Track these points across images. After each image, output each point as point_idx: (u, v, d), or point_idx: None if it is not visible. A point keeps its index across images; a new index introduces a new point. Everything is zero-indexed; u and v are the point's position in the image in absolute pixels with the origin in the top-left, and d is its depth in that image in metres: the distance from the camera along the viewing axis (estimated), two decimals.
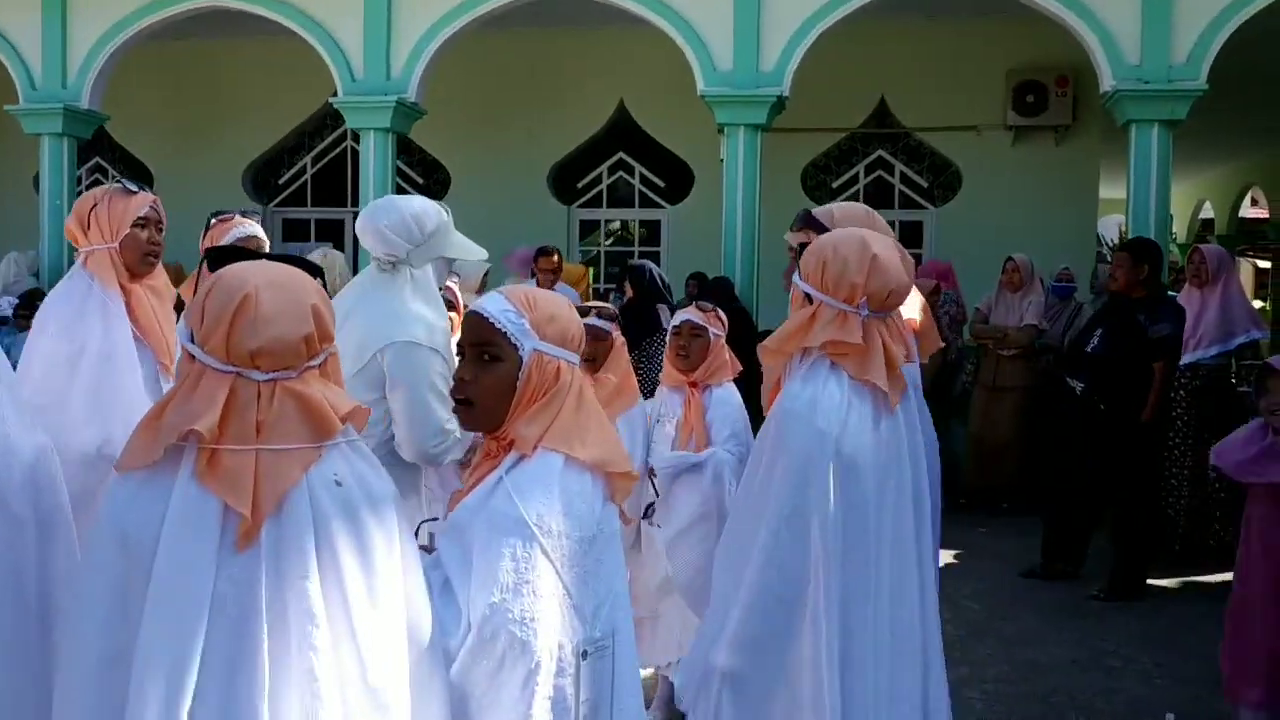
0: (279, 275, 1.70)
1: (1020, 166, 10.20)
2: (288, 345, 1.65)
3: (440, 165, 11.47)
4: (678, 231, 11.03)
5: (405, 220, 3.08)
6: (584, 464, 1.93)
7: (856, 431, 2.23)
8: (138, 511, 1.63)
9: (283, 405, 1.64)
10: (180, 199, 10.75)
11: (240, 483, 1.59)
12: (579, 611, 1.88)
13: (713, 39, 8.31)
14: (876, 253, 2.28)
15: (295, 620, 1.59)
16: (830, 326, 2.28)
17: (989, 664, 5.04)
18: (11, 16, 9.40)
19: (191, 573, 1.58)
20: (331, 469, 1.67)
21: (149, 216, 3.45)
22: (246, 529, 1.59)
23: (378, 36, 8.79)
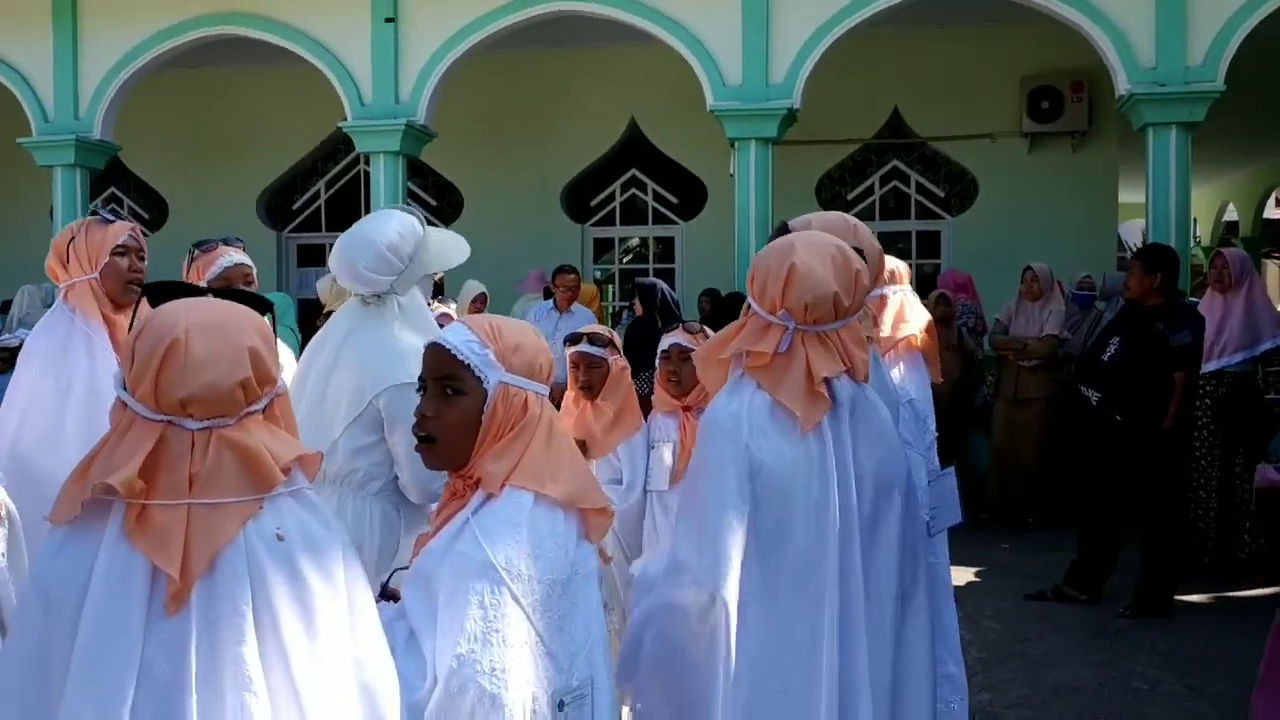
0: (213, 315, 1.59)
1: (1037, 174, 10.06)
2: (221, 392, 1.54)
3: (453, 187, 11.45)
4: (692, 248, 10.95)
5: (382, 254, 2.93)
6: (555, 501, 1.83)
7: (778, 447, 2.08)
8: (61, 567, 1.53)
9: (219, 456, 1.53)
10: (195, 226, 10.77)
11: (169, 542, 1.48)
12: (554, 659, 1.78)
13: (721, 53, 8.24)
14: (795, 262, 2.14)
15: (230, 689, 1.49)
16: (749, 337, 2.17)
17: (1011, 687, 4.89)
18: (23, 49, 9.45)
19: (117, 636, 1.48)
20: (273, 523, 1.56)
21: (129, 244, 3.37)
22: (175, 591, 1.49)
23: (385, 61, 8.77)
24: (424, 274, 3.04)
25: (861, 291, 2.18)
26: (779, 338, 2.12)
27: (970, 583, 6.51)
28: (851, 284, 2.15)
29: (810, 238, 2.24)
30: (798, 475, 2.08)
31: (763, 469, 2.07)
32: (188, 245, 3.86)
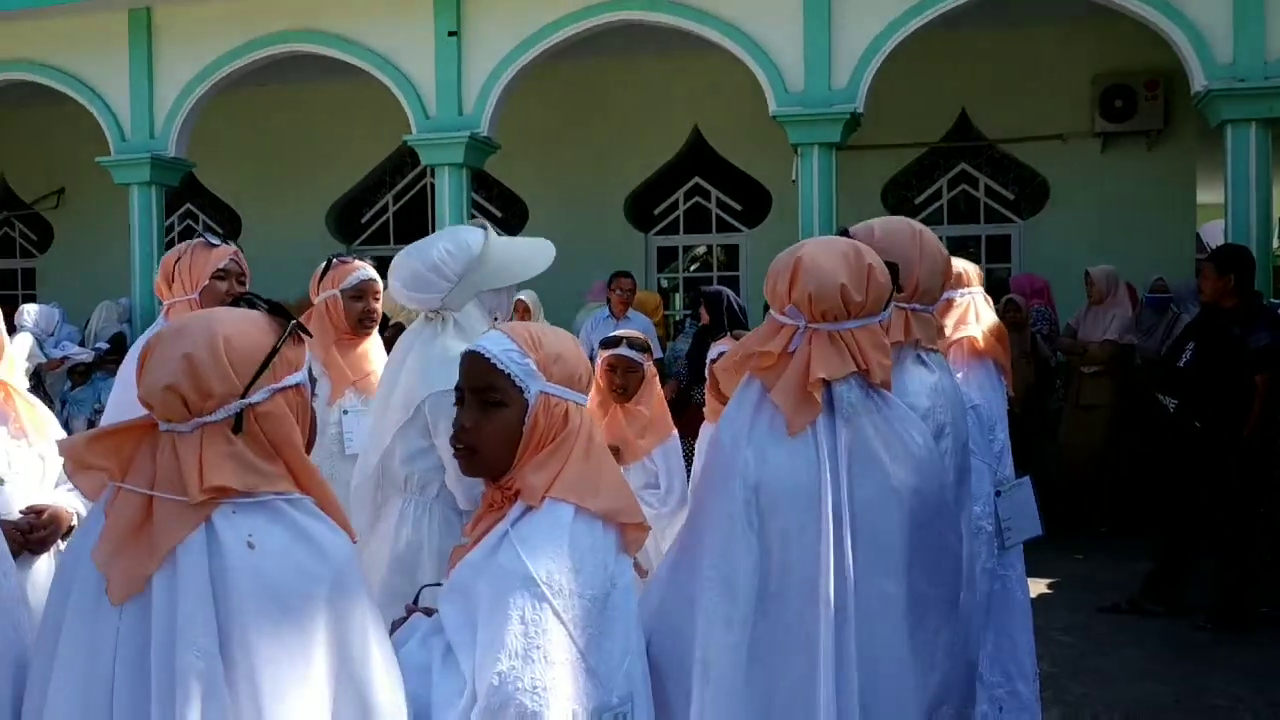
0: (189, 324, 1.64)
1: (1111, 175, 9.81)
2: (154, 396, 1.58)
3: (517, 198, 11.51)
4: (756, 255, 10.87)
5: (421, 275, 2.95)
6: (595, 514, 1.80)
7: (776, 457, 2.00)
8: (68, 544, 1.66)
9: (168, 459, 1.58)
10: (267, 241, 11.06)
11: (113, 529, 1.55)
12: (594, 676, 1.74)
13: (783, 58, 8.18)
14: (801, 255, 2.08)
15: (180, 685, 1.47)
16: (759, 338, 2.11)
17: (1084, 705, 4.75)
18: (101, 71, 9.73)
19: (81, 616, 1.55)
20: (247, 527, 1.55)
21: (229, 269, 3.48)
22: (111, 582, 1.53)
23: (449, 74, 8.87)
24: (480, 290, 3.00)
25: (877, 290, 2.08)
26: (788, 338, 2.06)
27: (1042, 595, 6.34)
28: (863, 280, 2.06)
29: (823, 239, 2.18)
30: (795, 484, 2.00)
31: (762, 484, 1.99)
32: (261, 260, 3.97)
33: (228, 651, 1.50)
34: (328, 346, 3.73)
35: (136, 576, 1.52)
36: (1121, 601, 6.05)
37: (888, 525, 2.03)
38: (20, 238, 13.39)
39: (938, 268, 2.52)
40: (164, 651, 1.49)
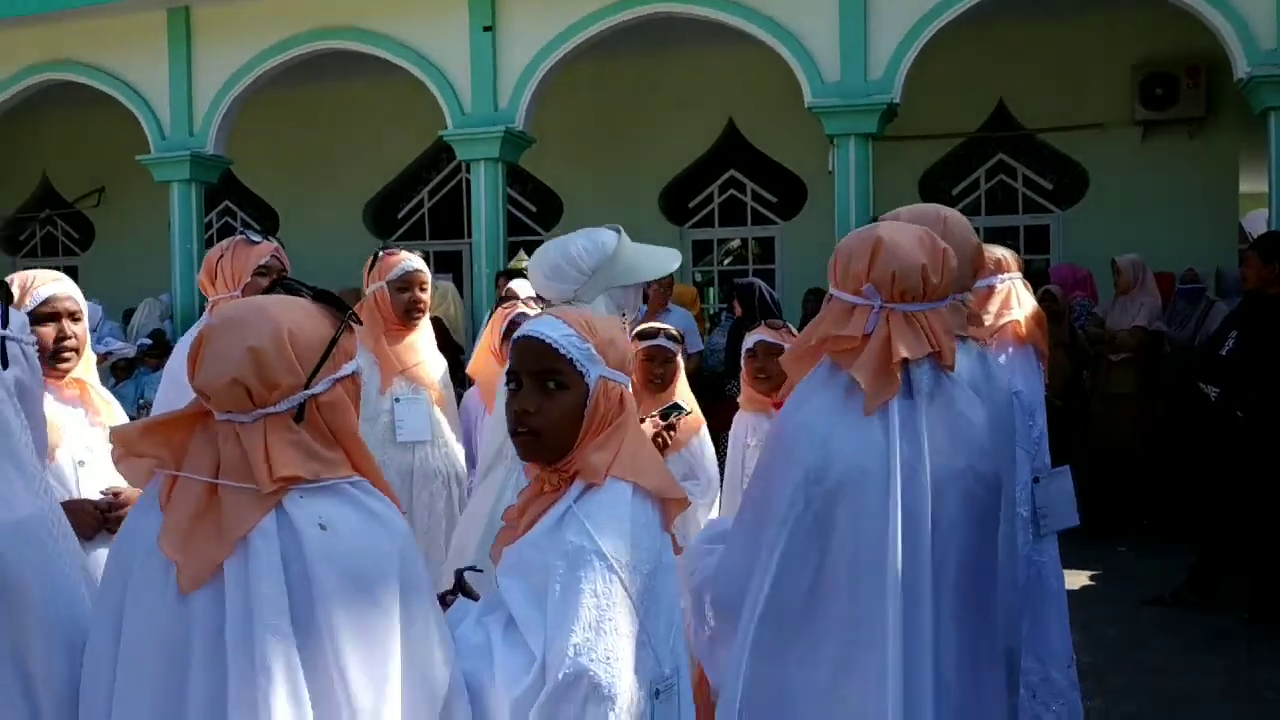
0: (246, 313, 1.63)
1: (1151, 164, 9.69)
2: (216, 389, 1.58)
3: (552, 192, 11.54)
4: (792, 247, 10.84)
5: (558, 265, 3.09)
6: (648, 492, 1.85)
7: (841, 447, 2.00)
8: (120, 532, 1.65)
9: (231, 450, 1.58)
10: (304, 238, 11.14)
11: (176, 518, 1.56)
12: (650, 648, 1.78)
13: (818, 49, 8.16)
14: (880, 235, 2.06)
15: (262, 676, 1.50)
16: (833, 322, 2.09)
17: (1125, 696, 4.70)
18: (142, 71, 9.86)
19: (147, 604, 1.56)
20: (317, 510, 1.57)
21: (270, 265, 3.52)
22: (182, 570, 1.54)
23: (484, 69, 8.91)
24: (610, 286, 3.10)
25: (950, 275, 2.08)
26: (865, 319, 2.04)
27: (1085, 586, 6.29)
28: (939, 263, 2.06)
29: (894, 224, 2.17)
30: (862, 466, 2.00)
31: (826, 468, 1.99)
32: (298, 255, 4.00)
33: (308, 631, 1.53)
34: (377, 337, 3.81)
35: (208, 563, 1.53)
36: (1165, 593, 5.98)
37: (953, 507, 2.03)
38: (63, 236, 13.59)
39: (966, 255, 2.52)
40: (241, 635, 1.50)
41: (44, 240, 13.63)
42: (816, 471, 1.99)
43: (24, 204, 13.34)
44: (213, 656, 1.52)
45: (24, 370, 1.85)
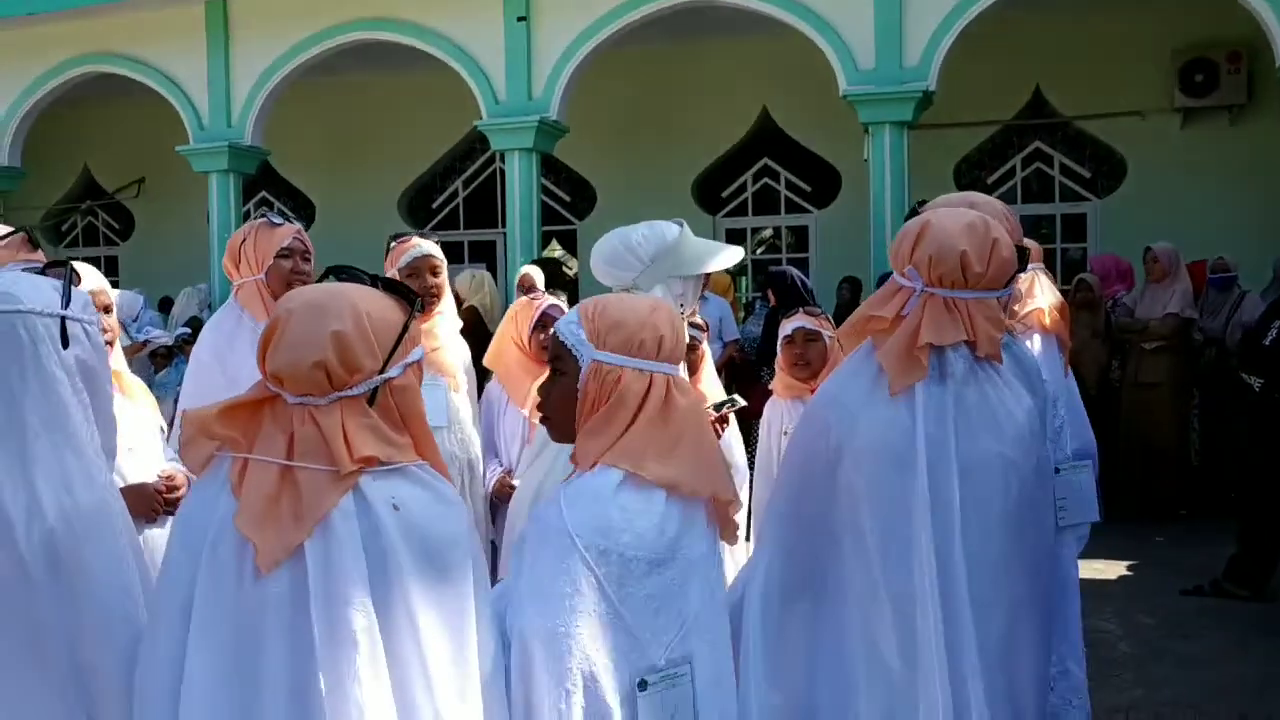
0: (323, 298, 1.65)
1: (1191, 151, 9.58)
2: (298, 371, 1.60)
3: (586, 182, 11.56)
4: (826, 236, 10.81)
5: (618, 252, 3.10)
6: (651, 482, 1.83)
7: (871, 423, 2.03)
8: (186, 513, 1.67)
9: (306, 432, 1.60)
10: (341, 227, 11.25)
11: (252, 500, 1.57)
12: (632, 635, 1.78)
13: (853, 37, 8.12)
14: (930, 219, 2.09)
15: (347, 648, 1.54)
16: (874, 302, 2.12)
17: (1165, 685, 4.67)
18: (180, 62, 9.96)
19: (221, 586, 1.57)
20: (389, 490, 1.62)
21: (293, 247, 3.53)
22: (261, 551, 1.56)
23: (518, 59, 8.93)
24: (671, 275, 3.10)
25: (999, 264, 2.07)
26: (904, 300, 2.06)
27: (1123, 577, 6.25)
28: (986, 251, 2.06)
29: (956, 209, 2.18)
30: (886, 446, 2.02)
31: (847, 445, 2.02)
32: (334, 245, 4.04)
33: (388, 606, 1.57)
34: None
35: (287, 544, 1.56)
36: (1204, 583, 5.93)
37: (986, 493, 2.04)
38: (103, 226, 13.78)
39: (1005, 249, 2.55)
40: (327, 612, 1.54)
41: (85, 230, 13.82)
42: (840, 439, 2.03)
43: (66, 195, 13.52)
44: (289, 636, 1.55)
45: (86, 350, 1.86)
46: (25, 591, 1.70)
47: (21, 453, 1.74)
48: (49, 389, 1.78)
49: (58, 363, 1.80)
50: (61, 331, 1.82)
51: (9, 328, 1.77)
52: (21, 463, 1.73)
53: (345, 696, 1.52)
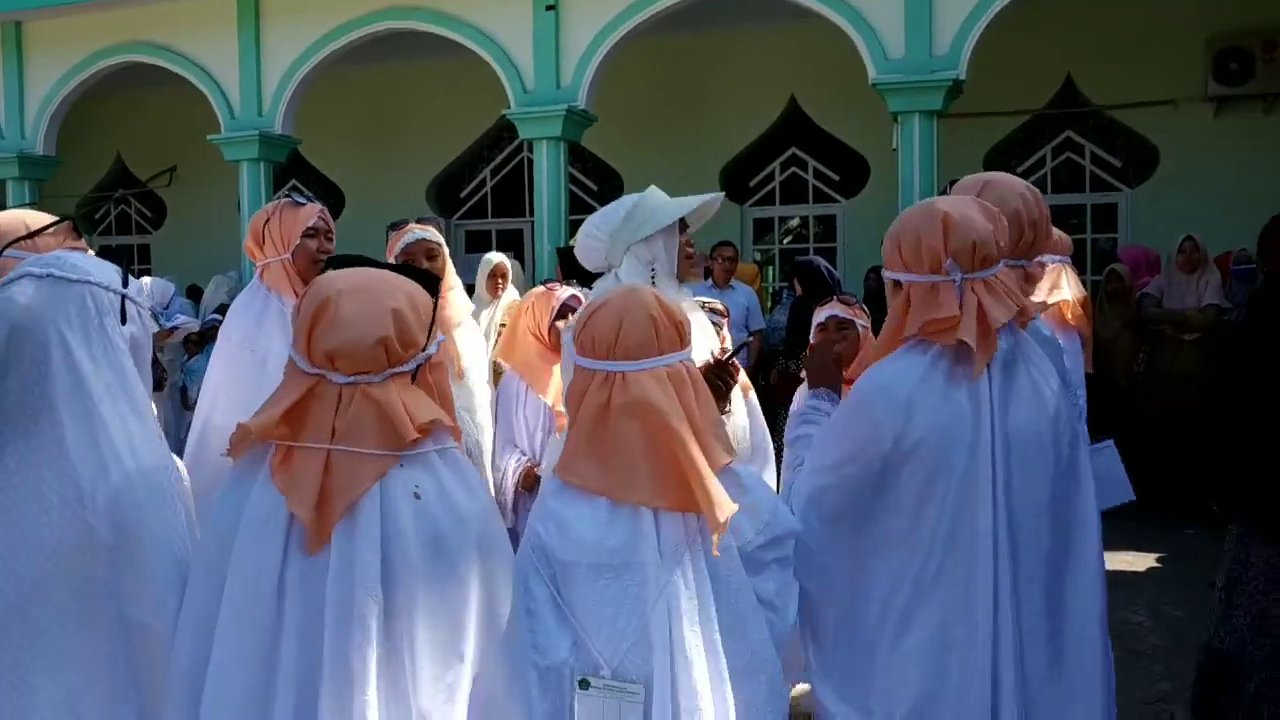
0: (367, 280, 1.69)
1: (1225, 140, 9.47)
2: (362, 348, 1.64)
3: (614, 171, 11.56)
4: (854, 226, 10.77)
5: (581, 240, 3.18)
6: (590, 491, 1.85)
7: (926, 413, 2.03)
8: (223, 506, 1.68)
9: (359, 410, 1.63)
10: (370, 215, 11.28)
11: (303, 483, 1.59)
12: (580, 635, 1.82)
13: (882, 24, 8.07)
14: (946, 211, 2.08)
15: (354, 630, 1.57)
16: (924, 307, 2.08)
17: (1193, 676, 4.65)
18: (212, 52, 10.03)
19: (260, 571, 1.60)
20: (413, 479, 1.64)
21: (318, 226, 3.54)
22: (312, 532, 1.59)
23: (547, 47, 8.94)
24: (631, 243, 3.10)
25: (1004, 234, 2.12)
26: (952, 295, 2.04)
27: (1152, 569, 6.22)
28: (1000, 225, 2.11)
29: (944, 199, 2.19)
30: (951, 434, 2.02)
31: (906, 434, 2.02)
32: (363, 233, 4.06)
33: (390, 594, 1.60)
34: None
35: (328, 527, 1.60)
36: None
37: (1036, 468, 2.08)
38: (136, 215, 13.91)
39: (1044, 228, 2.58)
40: (342, 593, 1.58)
41: (118, 219, 13.96)
42: (894, 432, 2.02)
43: (99, 183, 13.66)
44: (308, 614, 1.59)
45: (140, 330, 1.95)
46: (88, 551, 1.75)
47: (89, 415, 1.79)
48: (113, 357, 1.84)
49: (121, 334, 1.87)
50: (121, 309, 1.88)
51: (79, 296, 1.83)
52: (89, 425, 1.78)
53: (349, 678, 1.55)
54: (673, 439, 1.82)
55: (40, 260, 1.88)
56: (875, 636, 2.05)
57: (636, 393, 1.85)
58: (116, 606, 1.77)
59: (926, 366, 2.06)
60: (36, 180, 10.95)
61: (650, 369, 1.86)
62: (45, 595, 1.75)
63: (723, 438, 1.90)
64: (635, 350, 1.87)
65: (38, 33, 10.64)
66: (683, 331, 1.91)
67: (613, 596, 1.82)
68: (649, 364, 1.87)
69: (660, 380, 1.86)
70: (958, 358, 2.06)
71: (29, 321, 1.78)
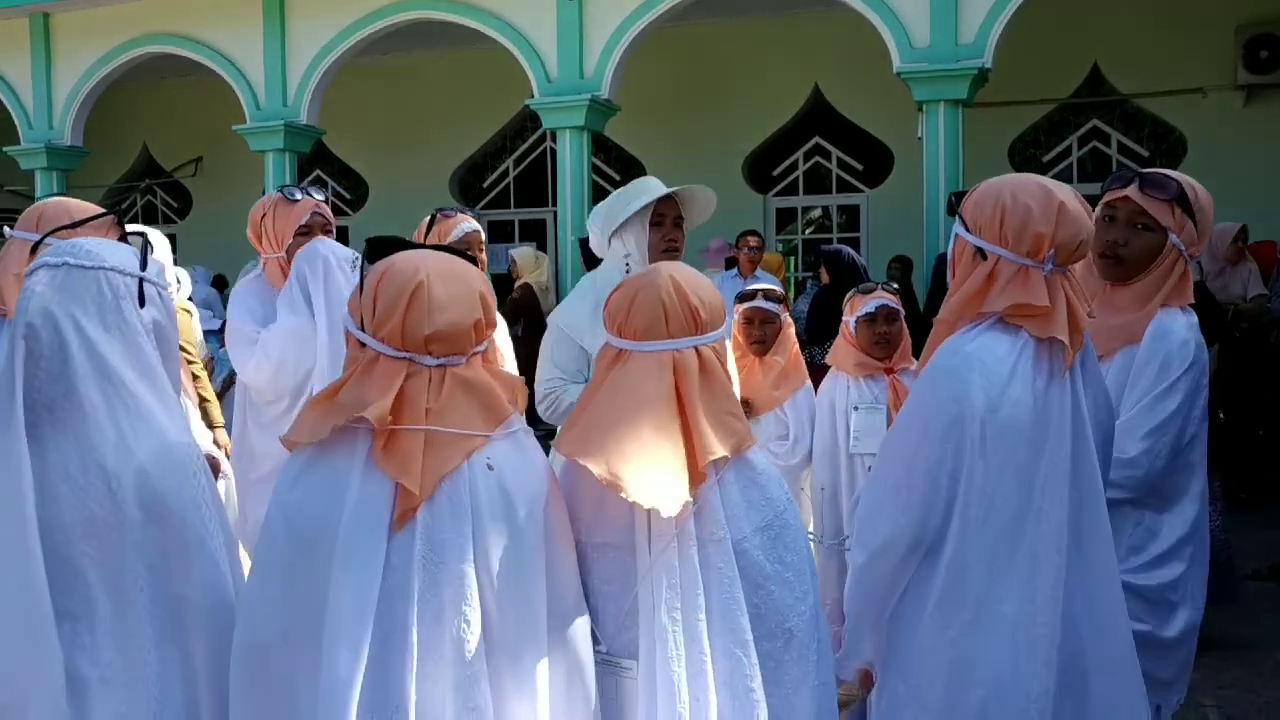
0: (448, 264, 1.74)
1: (1254, 129, 9.38)
2: (460, 331, 1.69)
3: (636, 161, 11.56)
4: (877, 215, 10.74)
5: (588, 225, 3.24)
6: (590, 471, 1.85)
7: (1017, 394, 1.98)
8: (308, 494, 1.68)
9: (451, 391, 1.69)
10: (393, 205, 11.35)
11: (412, 464, 1.64)
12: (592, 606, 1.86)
13: (907, 13, 8.03)
14: (1061, 198, 2.01)
15: (450, 602, 1.63)
16: (1012, 287, 2.00)
17: (1224, 667, 4.63)
18: (237, 43, 10.08)
19: (369, 554, 1.63)
20: (485, 455, 1.70)
21: (312, 223, 3.49)
22: (405, 509, 1.64)
23: (570, 37, 8.94)
24: (608, 230, 3.12)
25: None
26: (1042, 283, 2.00)
27: None
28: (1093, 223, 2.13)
29: (1054, 182, 2.09)
30: (1039, 420, 2.00)
31: (994, 417, 1.98)
32: (386, 222, 4.07)
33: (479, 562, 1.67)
34: None
35: (414, 506, 1.65)
36: (1263, 568, 5.87)
37: (1098, 458, 2.09)
38: (162, 205, 14.01)
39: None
40: (429, 565, 1.64)
41: (145, 209, 14.05)
42: (988, 404, 1.97)
43: (125, 174, 13.76)
44: (402, 585, 1.64)
45: (160, 312, 1.96)
46: (119, 528, 1.79)
47: (110, 398, 1.82)
48: (131, 339, 1.87)
49: (138, 317, 1.89)
50: (139, 292, 1.90)
51: (93, 281, 1.86)
52: (110, 407, 1.82)
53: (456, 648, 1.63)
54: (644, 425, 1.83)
55: (56, 250, 1.91)
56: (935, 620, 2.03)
57: (625, 375, 1.87)
58: (153, 580, 1.80)
59: (1018, 350, 2.01)
60: (64, 170, 11.03)
61: (653, 351, 1.86)
62: (84, 574, 1.79)
63: (732, 428, 1.86)
64: (641, 332, 1.88)
65: (65, 24, 10.72)
66: (699, 316, 1.88)
67: (615, 574, 1.84)
68: (652, 346, 1.87)
69: (660, 365, 1.85)
70: (1039, 343, 2.03)
71: (46, 312, 1.82)
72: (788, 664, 1.85)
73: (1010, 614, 1.98)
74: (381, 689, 1.60)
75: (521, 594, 1.69)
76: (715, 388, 1.88)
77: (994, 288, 2.03)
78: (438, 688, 1.62)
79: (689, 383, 1.85)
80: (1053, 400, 2.00)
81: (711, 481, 1.83)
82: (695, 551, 1.81)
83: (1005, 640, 1.98)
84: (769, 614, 1.84)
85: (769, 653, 1.84)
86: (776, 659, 1.84)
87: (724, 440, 1.84)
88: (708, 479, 1.83)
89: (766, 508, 1.88)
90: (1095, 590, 2.06)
